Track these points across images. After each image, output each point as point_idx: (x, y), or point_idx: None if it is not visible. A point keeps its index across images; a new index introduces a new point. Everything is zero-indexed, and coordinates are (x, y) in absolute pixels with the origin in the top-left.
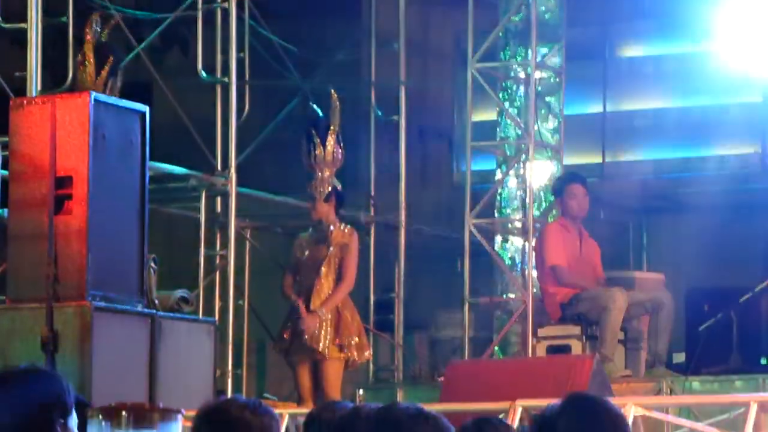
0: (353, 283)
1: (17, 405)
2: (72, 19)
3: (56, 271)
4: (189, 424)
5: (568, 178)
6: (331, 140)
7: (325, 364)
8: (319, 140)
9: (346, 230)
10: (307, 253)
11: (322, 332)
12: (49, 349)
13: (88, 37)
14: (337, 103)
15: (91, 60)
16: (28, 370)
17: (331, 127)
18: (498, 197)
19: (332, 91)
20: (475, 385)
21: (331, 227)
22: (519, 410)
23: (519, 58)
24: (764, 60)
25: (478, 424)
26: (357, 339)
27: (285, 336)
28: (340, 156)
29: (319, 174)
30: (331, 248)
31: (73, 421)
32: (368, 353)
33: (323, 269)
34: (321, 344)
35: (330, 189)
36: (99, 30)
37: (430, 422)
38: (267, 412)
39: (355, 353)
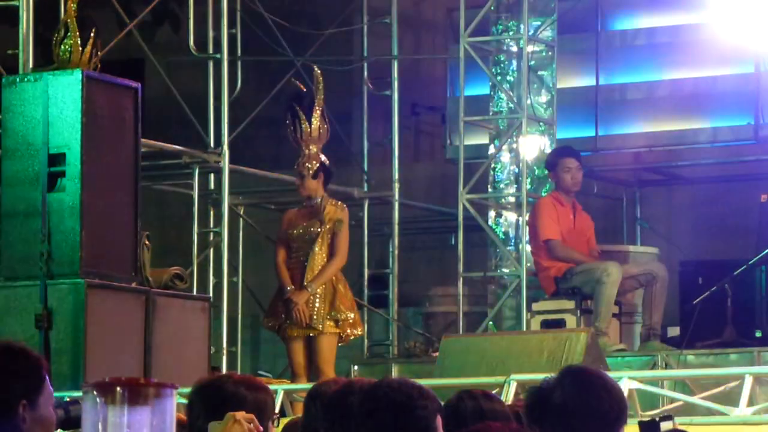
0: (346, 258)
1: None
2: None
3: (50, 248)
4: (184, 400)
5: (561, 152)
6: (316, 116)
7: (320, 339)
8: (304, 116)
9: (338, 206)
10: (298, 228)
11: (316, 307)
12: (43, 327)
13: (71, 11)
14: (320, 78)
15: (77, 35)
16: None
17: (316, 103)
18: (491, 172)
19: (315, 66)
20: (469, 360)
21: (324, 203)
22: (513, 385)
23: (511, 32)
24: (756, 31)
25: (459, 395)
26: (352, 315)
27: (277, 311)
28: (326, 131)
29: (306, 151)
30: (326, 224)
31: (44, 401)
32: (360, 329)
33: (317, 245)
34: (315, 319)
35: (318, 165)
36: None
37: (422, 396)
38: (262, 388)
39: (348, 330)
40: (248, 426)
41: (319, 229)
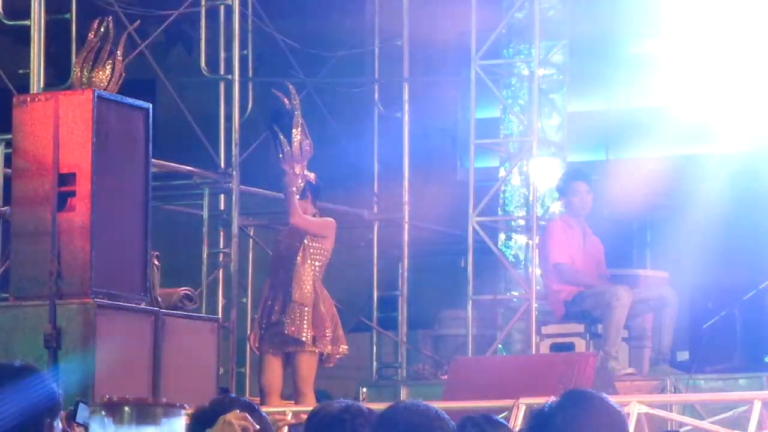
0: (299, 221)
1: (8, 403)
2: (75, 16)
3: (59, 268)
4: None
5: (571, 176)
6: (296, 133)
7: (298, 357)
8: (283, 136)
9: (326, 221)
10: (283, 246)
11: (305, 323)
12: (52, 347)
13: (92, 36)
14: (297, 96)
15: (105, 64)
16: (21, 368)
17: (295, 120)
18: (501, 195)
19: (289, 84)
20: (478, 383)
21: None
22: (522, 408)
23: (522, 55)
24: None
25: (462, 423)
26: (330, 332)
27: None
28: (308, 147)
29: (290, 170)
30: (305, 240)
31: (58, 422)
32: (344, 347)
33: (298, 259)
34: (304, 335)
35: (303, 184)
36: (105, 33)
37: (439, 418)
38: (257, 412)
39: (329, 347)
40: (241, 423)
41: (298, 243)
